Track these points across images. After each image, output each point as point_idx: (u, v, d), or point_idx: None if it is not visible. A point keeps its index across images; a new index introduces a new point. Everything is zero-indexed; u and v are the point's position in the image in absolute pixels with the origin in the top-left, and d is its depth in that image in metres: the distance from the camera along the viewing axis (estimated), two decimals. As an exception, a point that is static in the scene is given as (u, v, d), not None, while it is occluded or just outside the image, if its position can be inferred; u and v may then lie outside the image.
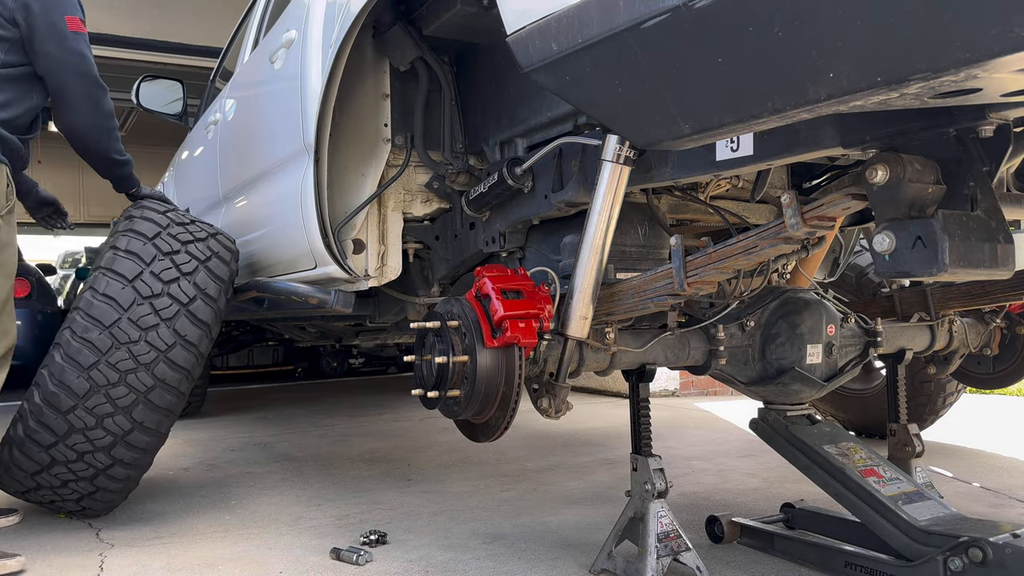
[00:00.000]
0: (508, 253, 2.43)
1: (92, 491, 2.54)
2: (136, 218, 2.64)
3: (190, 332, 2.52)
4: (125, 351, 2.42)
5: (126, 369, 2.43)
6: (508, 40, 1.50)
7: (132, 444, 2.48)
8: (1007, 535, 1.77)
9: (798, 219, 1.53)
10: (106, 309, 2.43)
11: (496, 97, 2.33)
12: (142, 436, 2.48)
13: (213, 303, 2.59)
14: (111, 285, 2.47)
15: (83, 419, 2.40)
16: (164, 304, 2.49)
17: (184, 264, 2.57)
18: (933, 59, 0.93)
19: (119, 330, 2.42)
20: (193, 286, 2.55)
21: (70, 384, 2.39)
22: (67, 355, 2.40)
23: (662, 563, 1.95)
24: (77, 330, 2.42)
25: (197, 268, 2.59)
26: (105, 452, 2.46)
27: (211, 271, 2.61)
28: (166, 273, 2.52)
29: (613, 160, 1.70)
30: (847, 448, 2.19)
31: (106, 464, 2.48)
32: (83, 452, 2.44)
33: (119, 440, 2.45)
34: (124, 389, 2.41)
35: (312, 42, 2.48)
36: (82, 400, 2.39)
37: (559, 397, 1.89)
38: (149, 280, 2.49)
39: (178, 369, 2.49)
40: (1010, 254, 1.41)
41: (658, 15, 1.14)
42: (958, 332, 2.61)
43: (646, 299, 1.85)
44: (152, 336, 2.45)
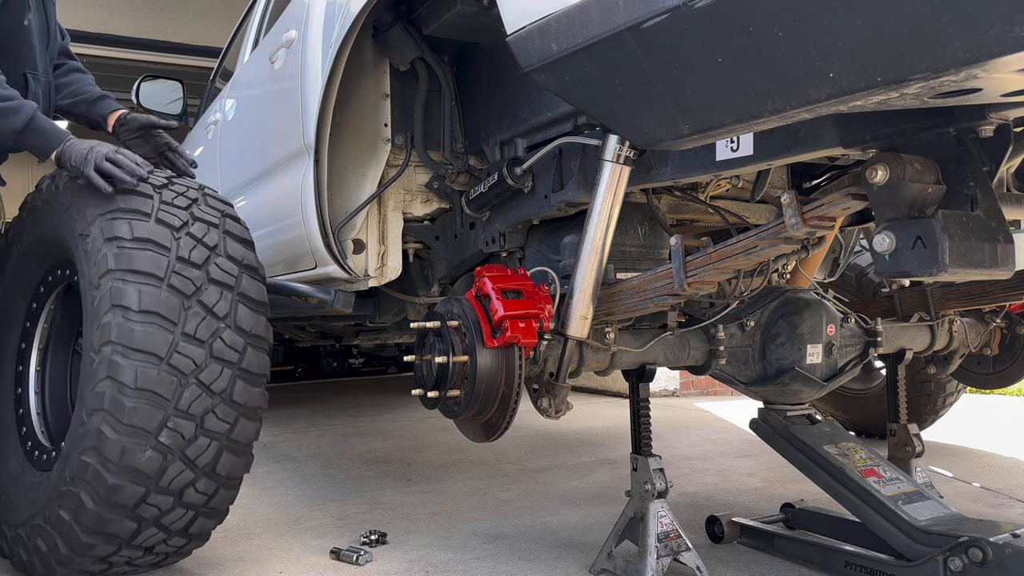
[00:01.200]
0: (508, 253, 2.43)
1: (166, 560, 2.02)
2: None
3: (253, 322, 1.89)
4: (195, 385, 1.76)
5: (202, 411, 1.77)
6: (508, 40, 1.50)
7: (215, 509, 1.90)
8: (1007, 535, 1.77)
9: (798, 219, 1.53)
10: (153, 332, 1.73)
11: (496, 97, 2.33)
12: (226, 492, 1.90)
13: (256, 273, 1.96)
14: (145, 293, 1.75)
15: (158, 504, 1.76)
16: (213, 297, 1.83)
17: (205, 236, 1.91)
18: (933, 59, 0.93)
19: (179, 356, 1.75)
20: (229, 259, 1.92)
21: (135, 466, 1.70)
22: (121, 423, 1.68)
23: (662, 563, 1.95)
24: (126, 379, 1.69)
25: (221, 236, 1.95)
26: (182, 534, 1.88)
27: (233, 235, 1.99)
28: (195, 254, 1.86)
29: (613, 160, 1.70)
30: (847, 448, 2.19)
31: (182, 544, 1.93)
32: (154, 544, 1.87)
33: (200, 509, 1.86)
34: (204, 440, 1.78)
35: (312, 42, 2.48)
36: (155, 480, 1.73)
37: (559, 397, 1.89)
38: (183, 270, 1.82)
39: (256, 380, 1.88)
40: (1010, 254, 1.41)
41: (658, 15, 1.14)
42: (958, 332, 2.61)
43: (646, 299, 1.85)
44: (218, 347, 1.81)
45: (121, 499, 1.71)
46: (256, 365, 1.86)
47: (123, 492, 1.71)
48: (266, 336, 1.90)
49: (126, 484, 1.70)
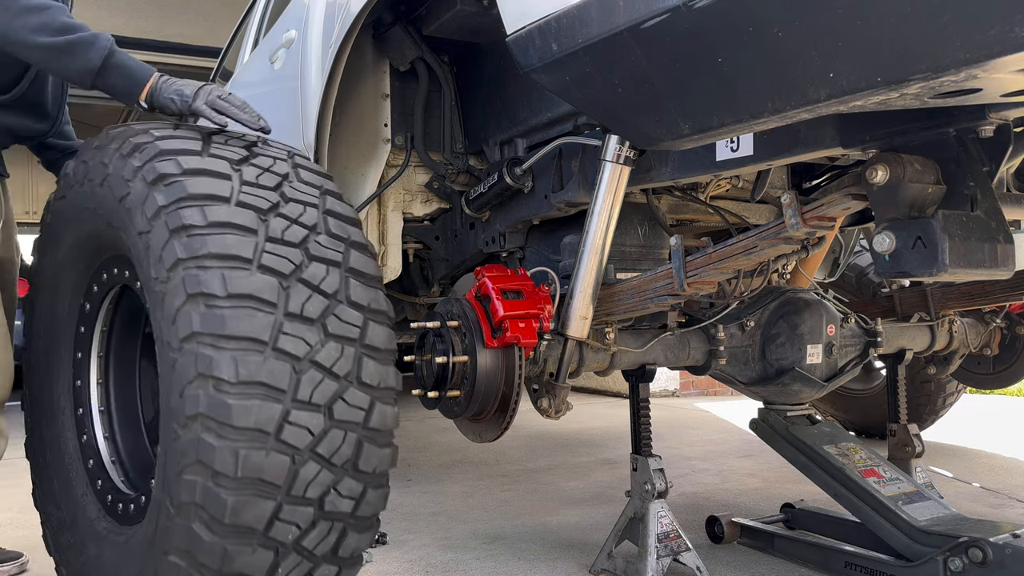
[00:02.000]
0: (508, 253, 2.43)
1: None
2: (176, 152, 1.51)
3: (370, 297, 1.49)
4: (313, 368, 1.36)
5: (328, 398, 1.37)
6: (508, 40, 1.50)
7: (365, 518, 1.46)
8: (1007, 535, 1.77)
9: (798, 219, 1.53)
10: (249, 318, 1.33)
11: (496, 97, 2.33)
12: (376, 493, 1.46)
13: (365, 250, 1.56)
14: (236, 277, 1.35)
15: (295, 519, 1.34)
16: (319, 273, 1.44)
17: (300, 195, 1.54)
18: (933, 59, 0.93)
19: (288, 338, 1.35)
20: (331, 237, 1.51)
21: (257, 474, 1.29)
22: (227, 425, 1.27)
23: (662, 563, 1.95)
24: (224, 374, 1.28)
25: (318, 195, 1.57)
26: (330, 559, 1.45)
27: (332, 192, 1.60)
28: (290, 234, 1.46)
29: (613, 160, 1.70)
30: (847, 448, 2.19)
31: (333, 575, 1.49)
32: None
33: (348, 520, 1.43)
34: (338, 432, 1.38)
35: (312, 42, 2.48)
36: (286, 488, 1.32)
37: (559, 397, 1.89)
38: (285, 234, 1.44)
39: (385, 357, 1.47)
40: (1010, 254, 1.41)
41: (658, 15, 1.14)
42: (958, 332, 2.61)
43: (646, 299, 1.85)
44: (333, 324, 1.41)
45: (248, 519, 1.28)
46: (382, 340, 1.47)
47: (249, 510, 1.28)
48: (387, 310, 1.51)
49: (250, 499, 1.27)
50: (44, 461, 1.95)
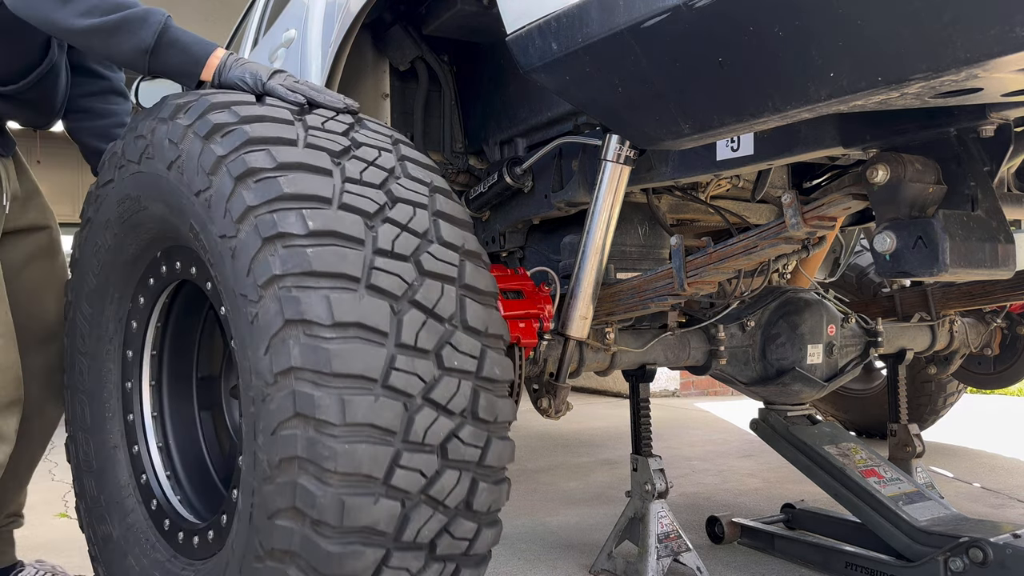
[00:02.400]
0: (508, 253, 2.43)
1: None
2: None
3: (486, 319, 1.33)
4: (427, 407, 1.22)
5: (442, 437, 1.23)
6: (508, 40, 1.50)
7: (478, 555, 1.34)
8: (1008, 535, 1.77)
9: (799, 219, 1.53)
10: (357, 349, 1.16)
11: (496, 97, 2.33)
12: (490, 532, 1.34)
13: (479, 259, 1.38)
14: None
15: (405, 565, 1.21)
16: (433, 295, 1.26)
17: (409, 194, 1.35)
18: (934, 59, 0.92)
19: (400, 374, 1.20)
20: (444, 246, 1.33)
21: (365, 523, 1.16)
22: (331, 472, 1.13)
23: (662, 563, 1.95)
24: (329, 416, 1.14)
25: (428, 192, 1.38)
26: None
27: (442, 190, 1.43)
28: (400, 244, 1.28)
29: (614, 160, 1.70)
30: (848, 448, 2.19)
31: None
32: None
33: (460, 559, 1.30)
34: (452, 473, 1.25)
35: (311, 41, 2.48)
36: (395, 536, 1.19)
37: (559, 397, 1.89)
38: (387, 266, 1.24)
39: (500, 389, 1.35)
40: (1011, 254, 1.41)
41: (658, 14, 1.14)
42: (959, 332, 2.61)
43: (646, 299, 1.85)
44: (448, 354, 1.26)
45: (353, 570, 1.15)
46: (499, 371, 1.33)
47: (353, 561, 1.15)
48: (503, 334, 1.37)
49: (356, 549, 1.15)
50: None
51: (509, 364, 1.38)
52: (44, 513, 2.82)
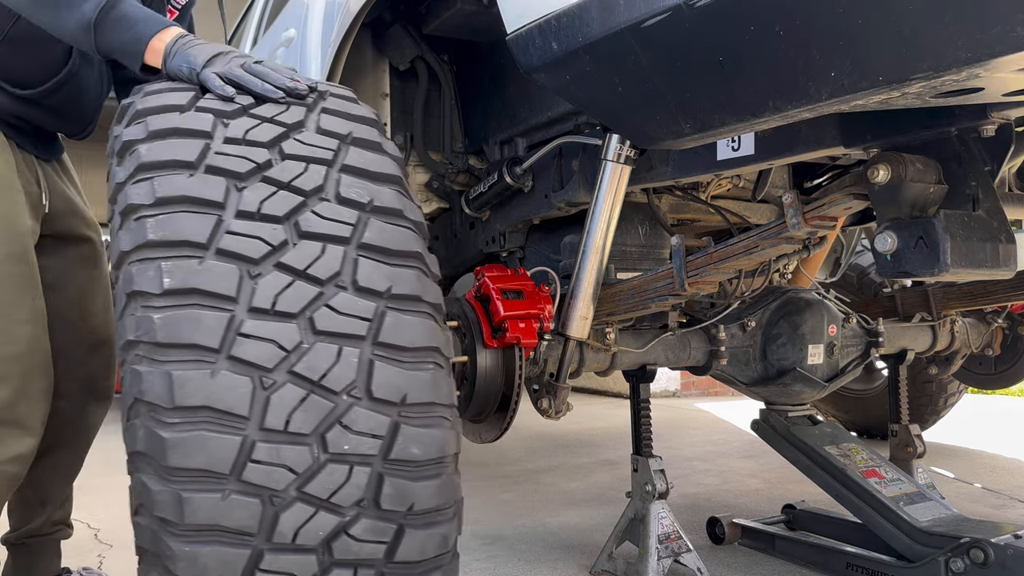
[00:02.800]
0: (508, 253, 2.43)
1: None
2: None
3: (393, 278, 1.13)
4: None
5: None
6: (508, 39, 1.49)
7: None
8: (1008, 536, 1.76)
9: (800, 219, 1.52)
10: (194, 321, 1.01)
11: (496, 96, 2.33)
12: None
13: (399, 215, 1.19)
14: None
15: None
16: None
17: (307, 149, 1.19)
18: (935, 59, 0.92)
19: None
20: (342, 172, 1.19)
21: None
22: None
23: (663, 564, 1.95)
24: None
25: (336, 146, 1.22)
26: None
27: (363, 141, 1.27)
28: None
29: (614, 160, 1.69)
30: (848, 449, 2.19)
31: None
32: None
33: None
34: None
35: (311, 41, 2.47)
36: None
37: (559, 398, 1.89)
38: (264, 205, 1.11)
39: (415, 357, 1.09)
40: (1012, 254, 1.41)
41: (658, 14, 1.13)
42: (960, 332, 2.61)
43: (647, 299, 1.84)
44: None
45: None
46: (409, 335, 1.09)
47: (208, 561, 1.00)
48: (420, 294, 1.12)
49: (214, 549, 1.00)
50: None
51: (433, 329, 1.12)
52: (44, 513, 2.82)
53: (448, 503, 1.07)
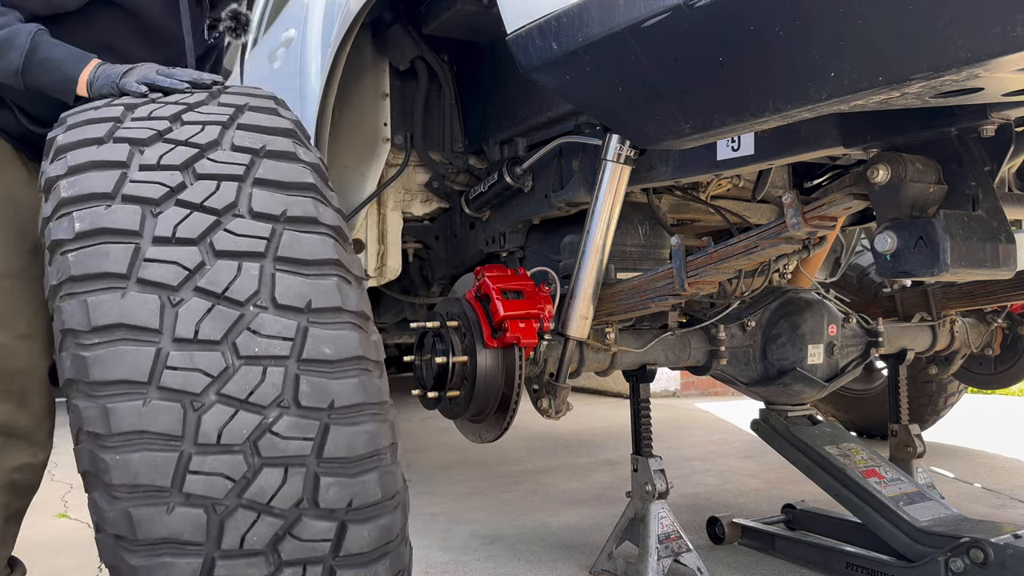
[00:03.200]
0: (508, 253, 2.43)
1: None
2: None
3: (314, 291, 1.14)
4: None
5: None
6: (508, 39, 1.49)
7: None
8: (1008, 536, 1.76)
9: (799, 219, 1.52)
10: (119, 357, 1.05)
11: (496, 96, 2.33)
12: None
13: (314, 223, 1.20)
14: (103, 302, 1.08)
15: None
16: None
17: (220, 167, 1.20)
18: (934, 59, 0.92)
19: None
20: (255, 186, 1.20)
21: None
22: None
23: (663, 564, 1.95)
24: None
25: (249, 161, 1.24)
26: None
27: (278, 153, 1.27)
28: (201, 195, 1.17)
29: (614, 160, 1.70)
30: (848, 449, 2.19)
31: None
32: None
33: None
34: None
35: (311, 41, 2.47)
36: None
37: (559, 397, 1.89)
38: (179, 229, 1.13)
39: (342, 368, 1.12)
40: (1012, 254, 1.41)
41: (658, 14, 1.14)
42: (960, 332, 2.61)
43: (647, 299, 1.84)
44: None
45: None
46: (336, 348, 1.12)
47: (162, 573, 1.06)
48: (341, 305, 1.14)
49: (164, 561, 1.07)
50: None
51: (358, 339, 1.12)
52: (44, 513, 2.82)
53: (372, 400, 1.11)
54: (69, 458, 2.02)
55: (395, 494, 1.12)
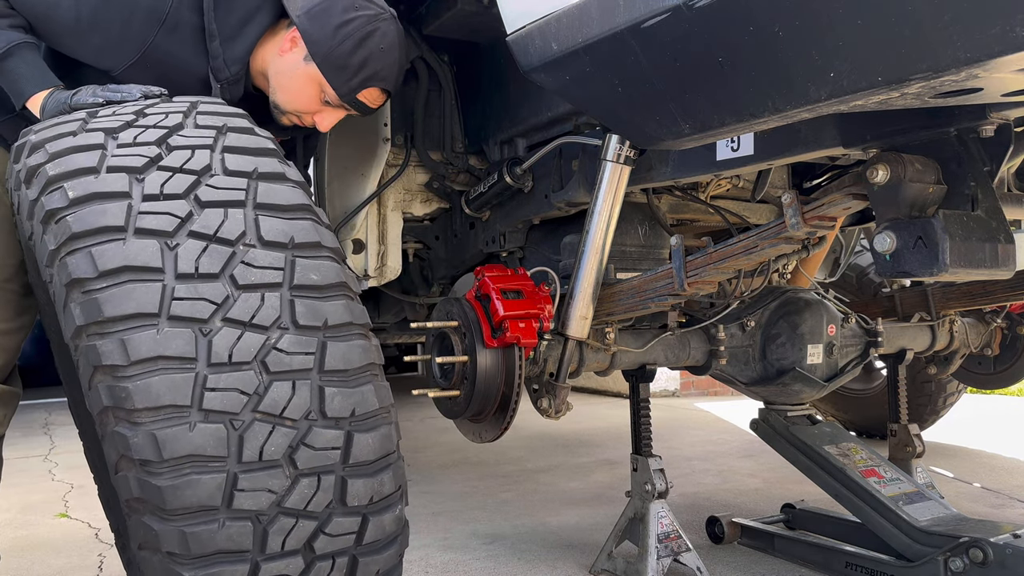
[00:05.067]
0: (508, 253, 2.43)
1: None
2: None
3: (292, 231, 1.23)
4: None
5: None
6: (508, 40, 1.50)
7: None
8: (1008, 535, 1.77)
9: (799, 219, 1.53)
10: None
11: (496, 96, 2.33)
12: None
13: (283, 179, 1.29)
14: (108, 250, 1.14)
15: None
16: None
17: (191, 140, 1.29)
18: (934, 59, 0.92)
19: None
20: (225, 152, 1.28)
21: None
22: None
23: (662, 563, 1.95)
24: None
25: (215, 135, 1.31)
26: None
27: (238, 128, 1.36)
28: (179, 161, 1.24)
29: (614, 160, 1.70)
30: (848, 448, 2.19)
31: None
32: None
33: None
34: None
35: (312, 42, 2.47)
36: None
37: (559, 397, 1.89)
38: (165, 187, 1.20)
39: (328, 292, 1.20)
40: (1011, 254, 1.41)
41: (658, 15, 1.14)
42: (959, 332, 2.61)
43: (646, 299, 1.85)
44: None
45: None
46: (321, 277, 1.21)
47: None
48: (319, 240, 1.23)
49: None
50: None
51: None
52: (44, 513, 2.82)
53: (359, 321, 1.21)
54: (70, 458, 2.03)
55: (390, 406, 1.21)
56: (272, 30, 1.78)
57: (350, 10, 1.70)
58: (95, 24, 1.63)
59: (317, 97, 1.77)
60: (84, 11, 1.62)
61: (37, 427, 5.09)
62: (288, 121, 1.84)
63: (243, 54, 1.74)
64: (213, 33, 1.70)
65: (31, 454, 4.04)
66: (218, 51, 1.71)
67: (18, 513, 2.88)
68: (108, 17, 1.64)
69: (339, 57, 1.71)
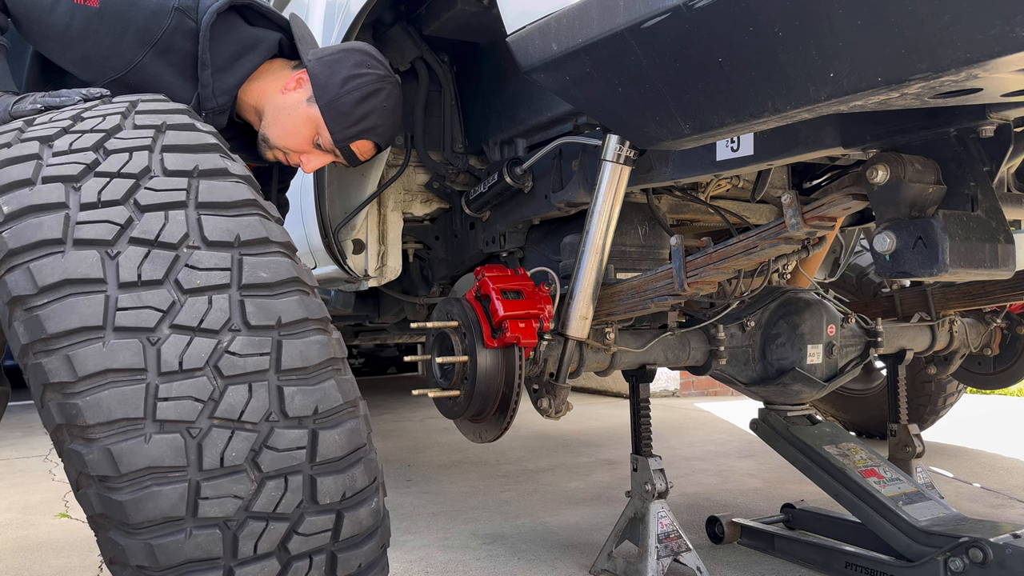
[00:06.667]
0: (508, 253, 2.43)
1: None
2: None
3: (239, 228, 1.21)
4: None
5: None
6: (508, 40, 1.50)
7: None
8: (1007, 535, 1.77)
9: (799, 219, 1.53)
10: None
11: (496, 97, 2.33)
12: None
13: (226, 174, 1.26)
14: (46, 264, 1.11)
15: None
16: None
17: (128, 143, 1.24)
18: (934, 59, 0.92)
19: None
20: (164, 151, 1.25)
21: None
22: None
23: (662, 563, 1.95)
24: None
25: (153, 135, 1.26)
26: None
27: (177, 125, 1.32)
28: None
29: (613, 160, 1.70)
30: (847, 448, 2.19)
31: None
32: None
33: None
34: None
35: (312, 42, 2.47)
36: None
37: (559, 397, 1.89)
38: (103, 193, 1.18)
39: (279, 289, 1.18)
40: (1011, 254, 1.41)
41: (658, 15, 1.14)
42: (959, 332, 2.61)
43: (646, 299, 1.85)
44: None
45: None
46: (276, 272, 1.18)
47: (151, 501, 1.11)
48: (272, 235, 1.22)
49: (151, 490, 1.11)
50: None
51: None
52: (44, 513, 2.82)
53: (315, 316, 1.17)
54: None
55: (356, 399, 1.17)
56: (265, 67, 1.83)
57: (362, 66, 1.79)
58: (84, 35, 1.64)
59: (310, 138, 1.82)
60: (76, 20, 1.63)
61: (37, 427, 5.09)
62: (272, 156, 1.87)
63: (232, 87, 1.77)
64: (206, 63, 1.72)
65: (31, 454, 4.04)
66: (208, 80, 1.74)
67: (18, 513, 2.88)
68: (100, 30, 1.65)
69: (343, 105, 1.77)
